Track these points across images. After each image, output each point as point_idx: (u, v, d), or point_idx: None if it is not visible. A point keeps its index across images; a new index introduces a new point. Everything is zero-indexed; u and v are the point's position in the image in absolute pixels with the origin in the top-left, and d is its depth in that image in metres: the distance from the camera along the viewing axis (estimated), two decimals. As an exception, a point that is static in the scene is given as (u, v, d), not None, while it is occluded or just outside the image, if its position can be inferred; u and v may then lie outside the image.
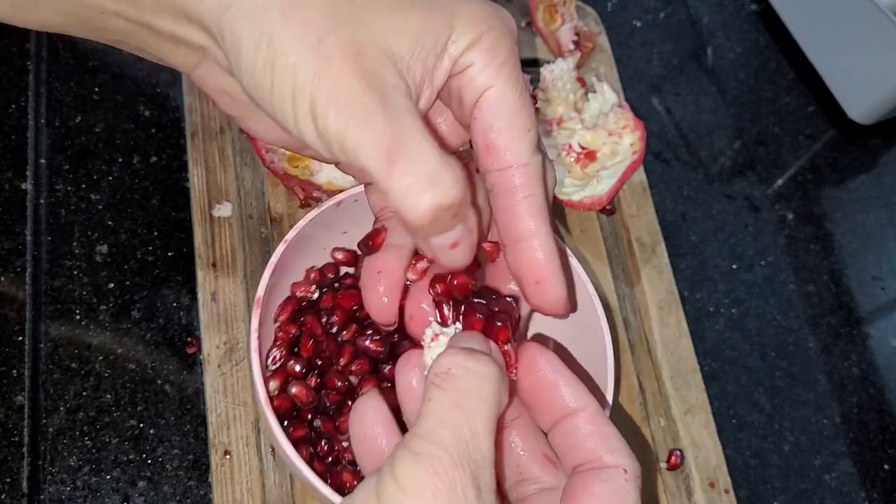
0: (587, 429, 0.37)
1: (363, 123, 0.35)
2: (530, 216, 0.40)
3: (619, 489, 0.35)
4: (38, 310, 0.56)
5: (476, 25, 0.39)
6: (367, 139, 0.35)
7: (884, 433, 0.66)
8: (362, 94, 0.36)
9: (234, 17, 0.37)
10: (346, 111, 0.35)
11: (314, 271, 0.51)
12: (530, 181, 0.40)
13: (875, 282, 0.73)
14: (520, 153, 0.40)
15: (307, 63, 0.36)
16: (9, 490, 0.51)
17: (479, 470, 0.33)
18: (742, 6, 0.86)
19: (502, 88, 0.39)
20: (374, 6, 0.37)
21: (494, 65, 0.39)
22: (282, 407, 0.46)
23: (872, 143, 0.81)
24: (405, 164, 0.35)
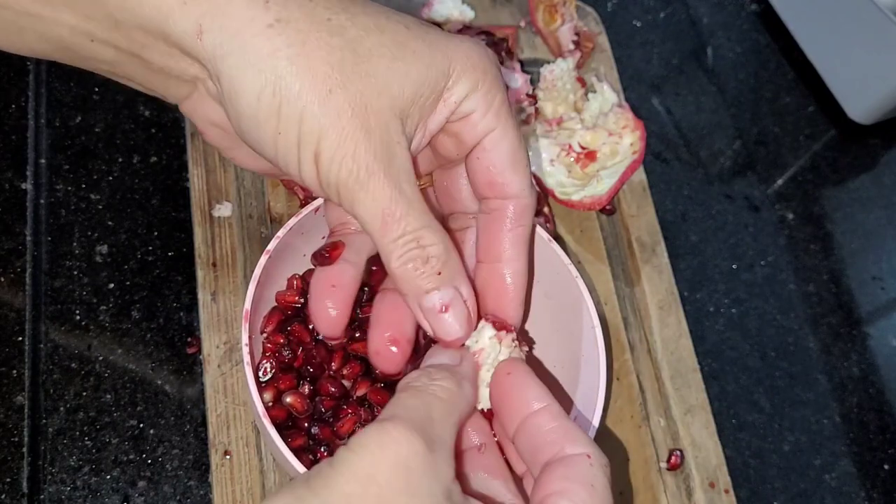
0: (549, 426, 0.38)
1: (365, 182, 0.38)
2: (514, 245, 0.44)
3: (585, 472, 0.35)
4: (38, 310, 0.56)
5: (472, 72, 0.40)
6: (366, 197, 0.38)
7: (884, 433, 0.66)
8: (368, 153, 0.37)
9: (235, 63, 0.37)
10: (351, 166, 0.37)
11: (296, 279, 0.51)
12: (524, 215, 0.43)
13: (875, 282, 0.73)
14: (520, 188, 0.43)
15: (315, 114, 0.37)
16: (9, 490, 0.51)
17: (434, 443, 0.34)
18: (742, 6, 0.86)
19: (503, 131, 0.42)
20: (377, 57, 0.38)
21: (493, 109, 0.41)
22: (278, 417, 0.46)
23: (872, 143, 0.81)
24: (396, 225, 0.38)
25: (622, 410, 0.59)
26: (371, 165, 0.38)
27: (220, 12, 0.36)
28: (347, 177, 0.38)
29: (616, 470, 0.57)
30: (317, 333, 0.49)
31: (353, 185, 0.38)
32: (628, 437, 0.58)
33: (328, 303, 0.44)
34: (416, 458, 0.33)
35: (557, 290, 0.51)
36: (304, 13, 0.37)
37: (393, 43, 0.39)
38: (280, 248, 0.48)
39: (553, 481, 0.35)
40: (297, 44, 0.36)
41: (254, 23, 0.36)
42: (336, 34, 0.37)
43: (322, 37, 0.37)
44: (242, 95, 0.37)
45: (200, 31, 0.37)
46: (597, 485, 0.35)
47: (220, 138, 0.45)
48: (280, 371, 0.49)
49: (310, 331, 0.49)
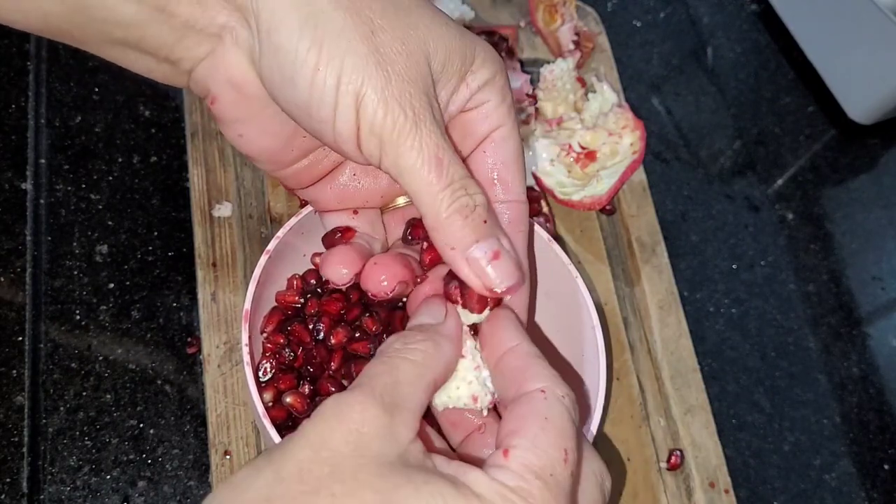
0: (514, 364, 0.39)
1: (413, 127, 0.37)
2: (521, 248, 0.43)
3: (538, 406, 0.36)
4: (38, 310, 0.56)
5: (492, 64, 0.41)
6: (415, 143, 0.37)
7: (884, 433, 0.66)
8: (415, 98, 0.37)
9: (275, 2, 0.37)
10: (397, 112, 0.37)
11: (296, 279, 0.51)
12: (523, 219, 0.43)
13: (875, 282, 0.73)
14: (520, 191, 0.43)
15: (361, 55, 0.36)
16: (9, 490, 0.51)
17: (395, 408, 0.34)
18: (742, 6, 0.86)
19: (511, 130, 0.42)
20: (417, 14, 0.38)
21: (505, 106, 0.42)
22: (278, 417, 0.46)
23: (872, 143, 0.81)
24: (450, 172, 0.38)
25: (622, 410, 0.59)
26: (419, 111, 0.37)
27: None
28: (394, 123, 0.37)
29: (616, 470, 0.57)
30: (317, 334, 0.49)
31: (400, 131, 0.37)
32: (628, 437, 0.58)
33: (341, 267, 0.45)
34: (370, 423, 0.33)
35: (557, 290, 0.51)
36: None
37: (429, 9, 0.39)
38: (280, 248, 0.48)
39: (510, 421, 0.36)
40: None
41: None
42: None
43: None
44: (282, 32, 0.37)
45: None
46: (551, 416, 0.35)
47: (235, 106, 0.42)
48: (280, 371, 0.49)
49: (310, 331, 0.49)
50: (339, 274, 0.45)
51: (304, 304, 0.51)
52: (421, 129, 0.37)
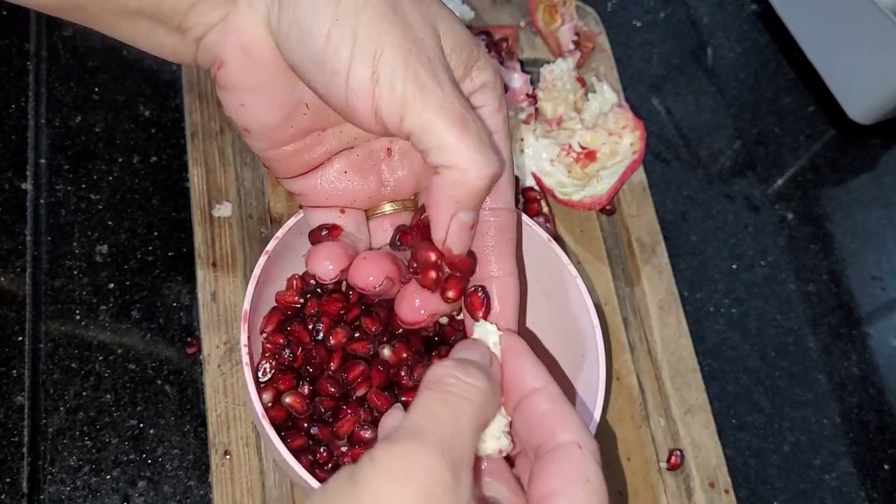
0: (544, 408, 0.38)
1: (435, 86, 0.37)
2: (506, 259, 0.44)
3: (578, 466, 0.35)
4: (38, 310, 0.56)
5: (492, 69, 0.41)
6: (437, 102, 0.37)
7: (884, 433, 0.66)
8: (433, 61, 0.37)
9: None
10: (417, 68, 0.36)
11: (296, 279, 0.51)
12: (512, 226, 0.43)
13: (875, 282, 0.73)
14: (509, 199, 0.43)
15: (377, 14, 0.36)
16: (9, 490, 0.51)
17: (459, 465, 0.33)
18: (742, 6, 0.86)
19: (504, 138, 0.42)
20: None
21: (501, 114, 0.42)
22: (277, 418, 0.46)
23: (872, 143, 0.81)
24: (475, 133, 0.37)
25: (622, 410, 0.59)
26: (439, 73, 0.37)
27: None
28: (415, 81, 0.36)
29: (616, 470, 0.57)
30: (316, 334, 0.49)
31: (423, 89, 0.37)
32: (628, 437, 0.58)
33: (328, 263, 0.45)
34: (441, 488, 0.32)
35: (557, 290, 0.51)
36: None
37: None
38: (280, 248, 0.48)
39: (548, 478, 0.35)
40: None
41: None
42: None
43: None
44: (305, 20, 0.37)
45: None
46: (591, 478, 0.34)
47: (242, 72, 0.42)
48: (279, 371, 0.49)
49: (309, 331, 0.49)
50: (324, 269, 0.45)
51: (303, 304, 0.51)
52: (444, 88, 0.37)
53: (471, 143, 0.37)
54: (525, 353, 0.40)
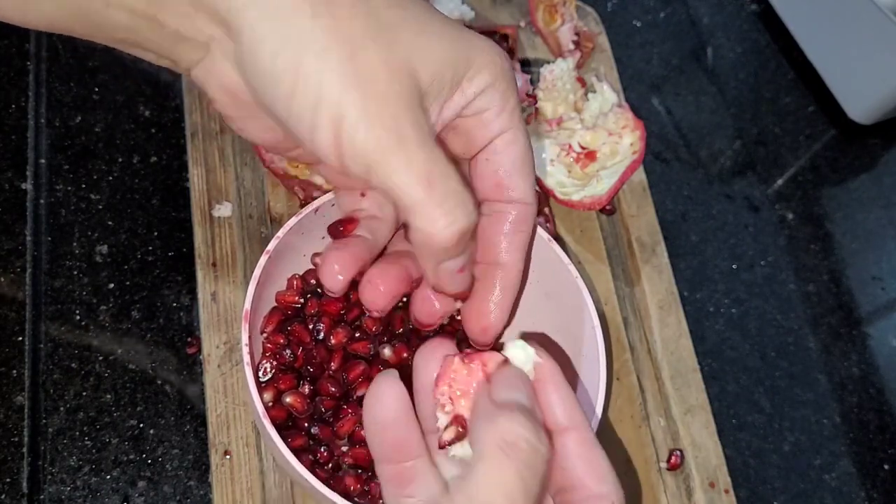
0: (576, 451, 0.37)
1: (397, 146, 0.36)
2: (514, 249, 0.43)
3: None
4: (38, 310, 0.56)
5: (492, 67, 0.40)
6: (401, 162, 0.36)
7: (884, 433, 0.66)
8: (397, 117, 0.36)
9: (258, 15, 0.36)
10: (379, 131, 0.36)
11: (296, 279, 0.51)
12: (527, 220, 0.43)
13: (875, 282, 0.73)
14: (525, 193, 0.42)
15: (338, 74, 0.35)
16: (9, 490, 0.51)
17: None
18: (742, 6, 0.86)
19: (515, 134, 0.41)
20: (402, 25, 0.37)
21: (508, 109, 0.41)
22: (278, 417, 0.46)
23: (872, 143, 0.81)
24: (441, 188, 0.37)
25: (622, 410, 0.59)
26: (404, 129, 0.36)
27: None
28: (377, 143, 0.36)
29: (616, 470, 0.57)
30: (317, 334, 0.49)
31: (383, 153, 0.36)
32: (628, 437, 0.58)
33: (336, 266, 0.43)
34: None
35: (557, 290, 0.51)
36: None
37: (416, 19, 0.38)
38: (280, 248, 0.48)
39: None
40: (323, 4, 0.36)
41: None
42: (360, 1, 0.37)
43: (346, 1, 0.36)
44: (262, 48, 0.36)
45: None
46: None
47: (231, 107, 0.43)
48: (280, 371, 0.49)
49: (310, 331, 0.49)
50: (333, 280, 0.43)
51: (304, 304, 0.51)
52: (407, 146, 0.36)
53: (435, 203, 0.37)
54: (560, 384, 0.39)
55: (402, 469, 0.37)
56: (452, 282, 0.42)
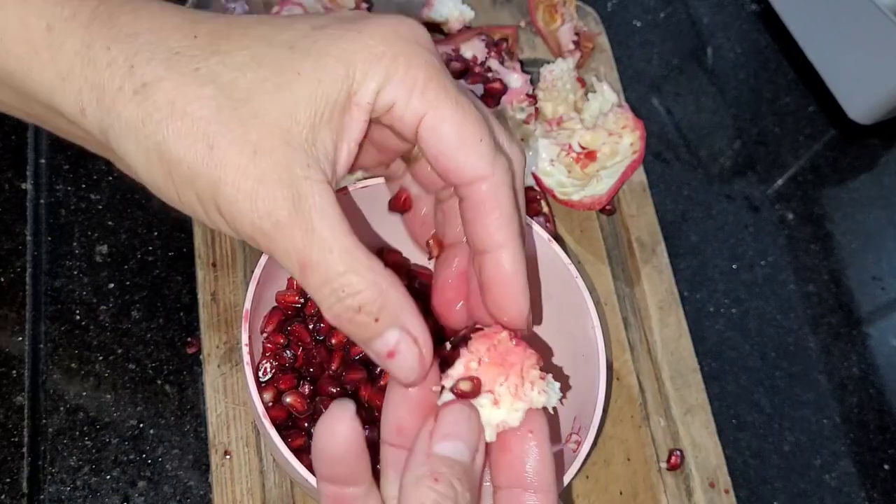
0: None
1: (271, 233, 0.35)
2: (498, 228, 0.39)
3: None
4: (38, 310, 0.56)
5: (378, 62, 0.36)
6: (278, 247, 0.35)
7: (884, 433, 0.66)
8: (264, 201, 0.34)
9: (117, 135, 0.35)
10: (253, 217, 0.35)
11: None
12: (496, 193, 0.38)
13: (875, 282, 0.73)
14: (477, 166, 0.38)
15: (203, 174, 0.34)
16: (9, 490, 0.51)
17: None
18: (742, 6, 0.86)
19: (436, 111, 0.37)
20: (258, 92, 0.35)
21: (417, 91, 0.37)
22: (278, 417, 0.46)
23: (872, 143, 0.81)
24: (316, 274, 0.35)
25: (622, 410, 0.59)
26: (273, 213, 0.34)
27: (92, 85, 0.35)
28: (252, 230, 0.35)
29: (616, 470, 0.57)
30: (317, 334, 0.49)
31: (261, 237, 0.35)
32: (628, 437, 0.58)
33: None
34: None
35: (557, 290, 0.51)
36: (168, 70, 0.35)
37: (274, 72, 0.36)
38: None
39: None
40: (167, 105, 0.34)
41: (122, 92, 0.35)
42: (208, 83, 0.35)
43: (191, 91, 0.35)
44: (136, 165, 0.36)
45: (83, 108, 0.35)
46: None
47: None
48: (280, 371, 0.49)
49: (310, 331, 0.49)
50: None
51: (304, 304, 0.51)
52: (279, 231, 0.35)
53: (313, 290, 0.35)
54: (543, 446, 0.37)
55: (343, 493, 0.36)
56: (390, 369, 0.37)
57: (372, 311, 0.35)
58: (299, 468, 0.42)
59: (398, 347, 0.36)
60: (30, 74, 0.36)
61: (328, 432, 0.36)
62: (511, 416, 0.37)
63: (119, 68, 0.35)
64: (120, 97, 0.35)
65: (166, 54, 0.35)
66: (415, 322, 0.37)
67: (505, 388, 0.38)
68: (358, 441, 0.36)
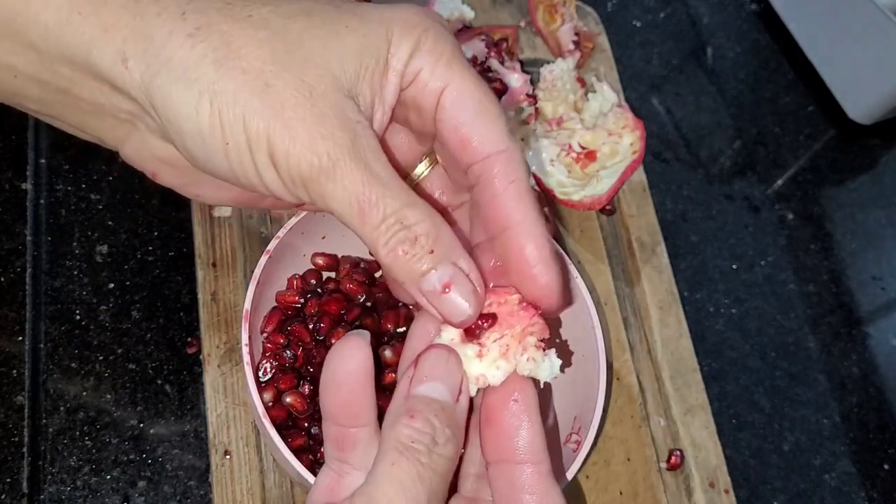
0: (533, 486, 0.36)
1: (330, 171, 0.35)
2: (518, 202, 0.38)
3: None
4: (38, 310, 0.56)
5: (412, 31, 0.38)
6: (336, 187, 0.35)
7: (884, 433, 0.66)
8: (326, 140, 0.35)
9: (164, 81, 0.35)
10: (310, 158, 0.35)
11: (296, 279, 0.51)
12: (512, 166, 0.38)
13: (875, 282, 0.73)
14: (496, 140, 0.38)
15: (259, 111, 0.35)
16: (9, 490, 0.51)
17: None
18: (742, 6, 0.86)
19: (459, 82, 0.38)
20: (309, 38, 0.36)
21: (443, 62, 0.38)
22: (278, 417, 0.46)
23: (872, 143, 0.81)
24: (375, 211, 0.35)
25: (622, 410, 0.59)
26: (333, 152, 0.35)
27: (140, 34, 0.35)
28: (310, 170, 0.35)
29: (616, 470, 0.57)
30: (318, 334, 0.49)
31: (318, 178, 0.35)
32: (628, 437, 0.58)
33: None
34: None
35: (557, 290, 0.51)
36: (223, 15, 0.35)
37: (323, 24, 0.37)
38: (280, 248, 0.48)
39: None
40: (222, 46, 0.35)
41: (174, 36, 0.35)
42: (261, 27, 0.35)
43: (247, 33, 0.35)
44: (181, 113, 0.35)
45: (126, 58, 0.35)
46: None
47: (175, 176, 0.42)
48: (280, 371, 0.49)
49: (310, 331, 0.49)
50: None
51: (304, 304, 0.51)
52: (339, 170, 0.35)
53: (369, 229, 0.36)
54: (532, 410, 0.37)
55: (346, 433, 0.37)
56: (444, 305, 0.37)
57: (428, 243, 0.36)
58: (299, 468, 0.42)
59: (453, 280, 0.37)
60: (67, 28, 0.35)
61: (339, 357, 0.36)
62: (490, 372, 0.37)
63: (171, 16, 0.35)
64: (172, 40, 0.35)
65: (219, 4, 0.36)
66: (466, 260, 0.37)
67: (497, 345, 0.37)
68: (368, 372, 0.36)
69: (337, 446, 0.37)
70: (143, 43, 0.35)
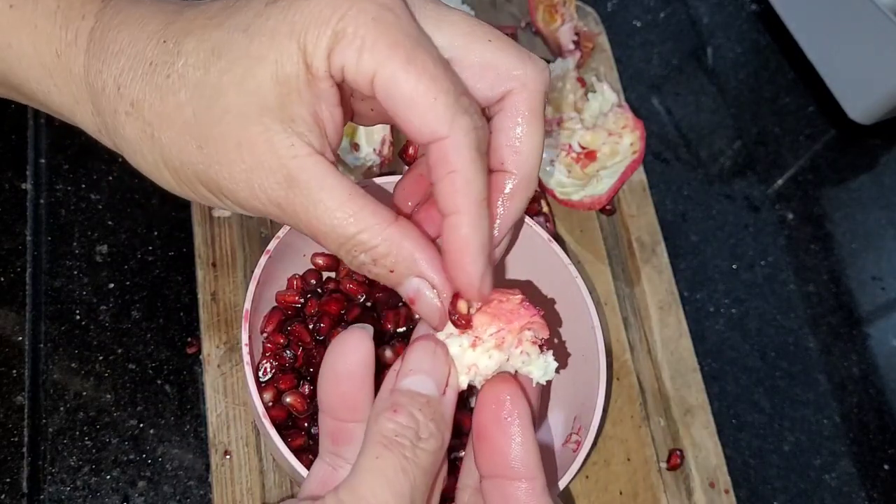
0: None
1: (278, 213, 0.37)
2: (454, 192, 0.36)
3: None
4: (38, 310, 0.56)
5: (324, 26, 0.35)
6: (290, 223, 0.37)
7: (884, 433, 0.66)
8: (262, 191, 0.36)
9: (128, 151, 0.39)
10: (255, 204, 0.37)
11: (296, 279, 0.51)
12: (451, 155, 0.36)
13: (875, 282, 0.73)
14: (432, 126, 0.35)
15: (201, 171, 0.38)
16: (9, 490, 0.51)
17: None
18: (742, 6, 0.86)
19: (384, 69, 0.35)
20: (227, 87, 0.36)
21: (366, 50, 0.34)
22: (278, 417, 0.46)
23: (872, 143, 0.81)
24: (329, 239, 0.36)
25: (622, 410, 0.59)
26: (273, 197, 0.36)
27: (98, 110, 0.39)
28: (263, 213, 0.37)
29: (616, 470, 0.57)
30: (318, 334, 0.49)
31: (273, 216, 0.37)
32: (628, 437, 0.58)
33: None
34: None
35: (557, 290, 0.51)
36: (147, 85, 0.37)
37: (233, 62, 0.36)
38: (280, 248, 0.48)
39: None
40: (156, 119, 0.37)
41: (118, 115, 0.38)
42: (181, 88, 0.36)
43: (170, 101, 0.37)
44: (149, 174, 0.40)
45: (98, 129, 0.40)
46: None
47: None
48: (280, 371, 0.49)
49: (310, 331, 0.49)
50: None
51: (304, 304, 0.51)
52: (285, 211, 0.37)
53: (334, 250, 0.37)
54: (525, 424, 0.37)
55: (342, 427, 0.37)
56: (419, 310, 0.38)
57: (387, 264, 0.37)
58: (299, 468, 0.42)
59: (417, 296, 0.37)
60: (50, 97, 0.40)
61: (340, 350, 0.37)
62: (482, 361, 0.38)
63: (111, 92, 0.38)
64: (119, 119, 0.38)
65: (144, 68, 0.37)
66: (431, 270, 0.37)
67: (492, 338, 0.38)
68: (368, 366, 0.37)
69: (332, 440, 0.38)
70: (102, 118, 0.39)
